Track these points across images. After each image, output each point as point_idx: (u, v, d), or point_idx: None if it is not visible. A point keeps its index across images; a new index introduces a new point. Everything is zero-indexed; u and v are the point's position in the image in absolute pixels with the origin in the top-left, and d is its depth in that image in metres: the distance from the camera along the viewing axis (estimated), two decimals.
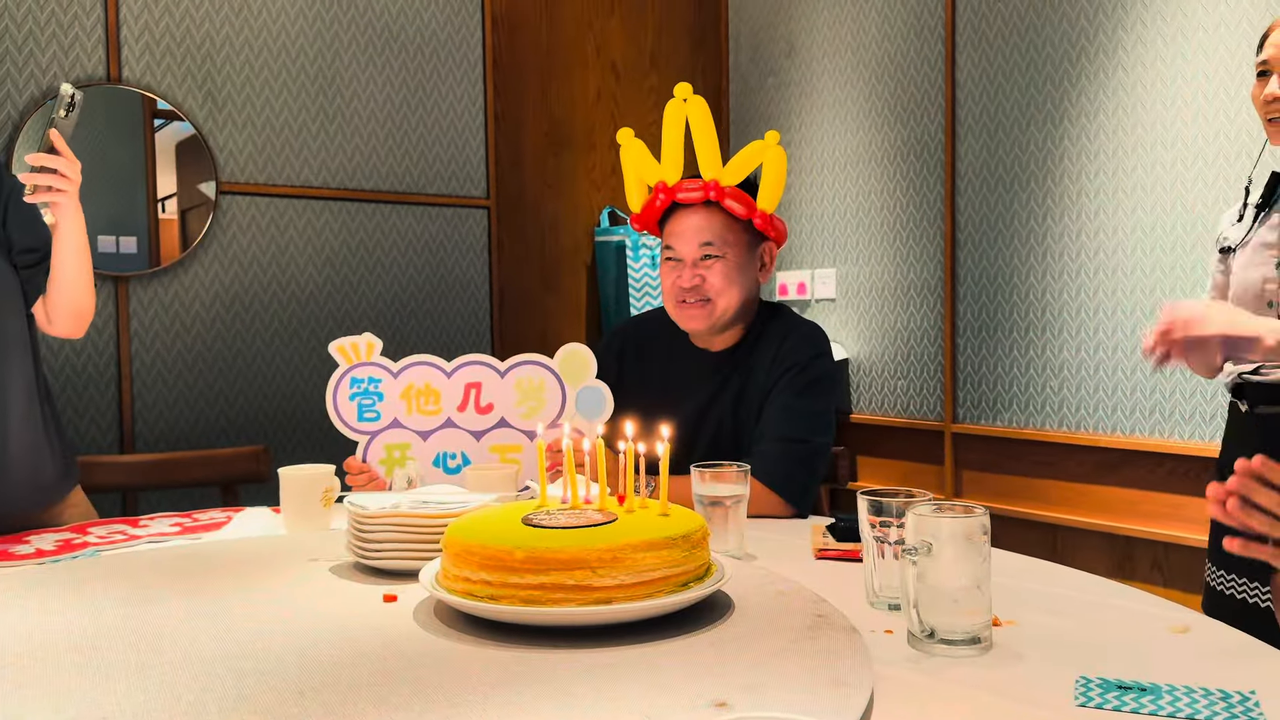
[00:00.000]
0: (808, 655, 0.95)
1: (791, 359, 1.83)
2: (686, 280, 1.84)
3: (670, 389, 1.92)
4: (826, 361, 1.86)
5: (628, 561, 1.01)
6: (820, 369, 1.84)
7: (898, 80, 3.27)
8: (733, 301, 1.85)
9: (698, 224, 1.84)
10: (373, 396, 1.77)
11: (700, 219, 1.84)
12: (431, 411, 1.77)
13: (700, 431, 1.87)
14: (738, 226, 1.85)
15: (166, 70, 2.82)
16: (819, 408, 1.81)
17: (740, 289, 1.86)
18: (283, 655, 0.96)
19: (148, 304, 2.80)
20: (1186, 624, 1.10)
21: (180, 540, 1.57)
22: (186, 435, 2.85)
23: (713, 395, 1.88)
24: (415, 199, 3.20)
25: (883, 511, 1.17)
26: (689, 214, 1.85)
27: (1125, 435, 2.69)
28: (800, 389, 1.80)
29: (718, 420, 1.87)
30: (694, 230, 1.84)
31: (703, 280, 1.83)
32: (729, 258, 1.84)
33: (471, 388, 1.78)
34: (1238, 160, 2.44)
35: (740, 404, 1.86)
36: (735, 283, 1.85)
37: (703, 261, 1.83)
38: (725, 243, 1.84)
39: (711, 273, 1.83)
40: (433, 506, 1.28)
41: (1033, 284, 2.90)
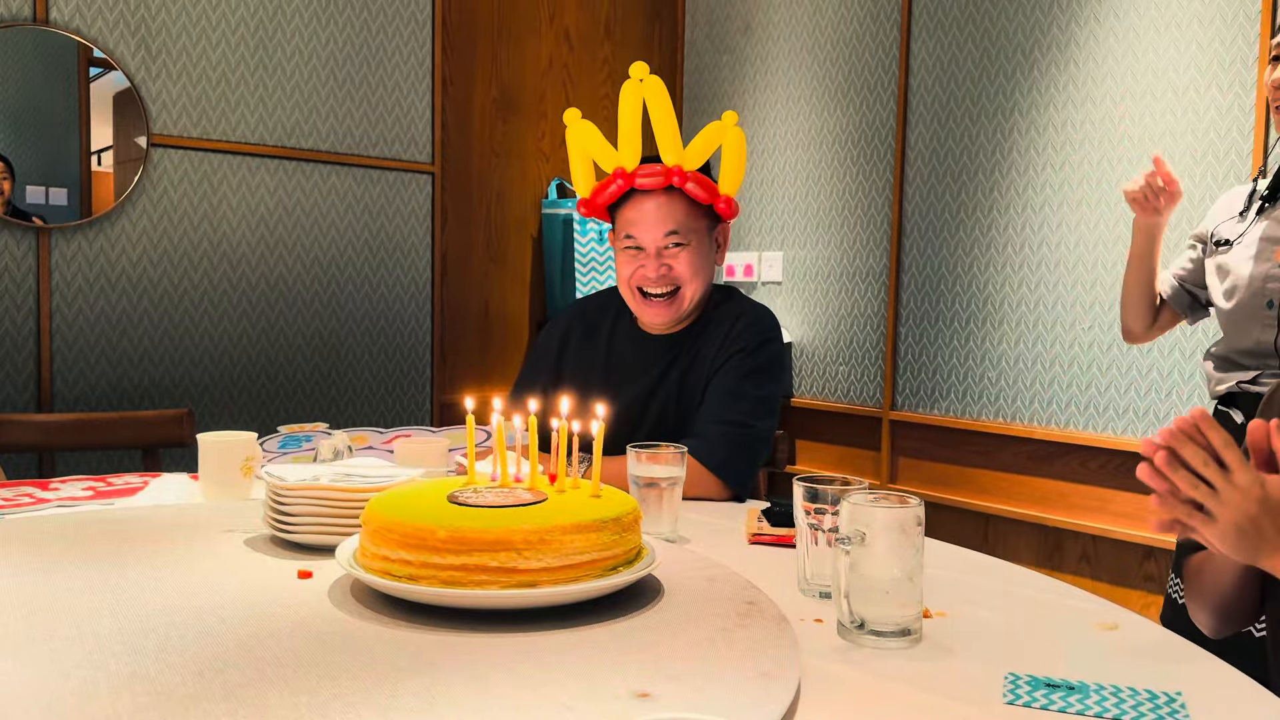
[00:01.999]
0: (736, 645, 0.92)
1: (740, 343, 1.79)
2: (653, 270, 1.77)
3: (615, 371, 1.88)
4: (775, 347, 1.83)
5: (555, 544, 0.97)
6: (768, 354, 1.81)
7: (852, 64, 3.25)
8: (698, 290, 1.80)
9: (661, 212, 1.76)
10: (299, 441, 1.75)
11: (663, 206, 1.76)
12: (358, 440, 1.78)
13: (646, 414, 1.84)
14: (698, 212, 1.79)
15: (98, 13, 2.69)
16: (763, 393, 1.78)
17: (705, 276, 1.81)
18: (185, 632, 0.91)
19: (70, 257, 2.69)
20: (1116, 621, 1.10)
21: (91, 505, 1.50)
22: (108, 395, 2.75)
23: (659, 377, 1.84)
24: (357, 160, 3.11)
25: (818, 498, 1.15)
26: (648, 200, 1.77)
27: (1059, 428, 2.71)
28: (746, 373, 1.77)
29: (663, 402, 1.83)
30: (657, 218, 1.76)
31: (669, 270, 1.77)
32: (694, 245, 1.78)
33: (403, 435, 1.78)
34: (1184, 158, 2.46)
35: (685, 386, 1.82)
36: (700, 271, 1.79)
37: (668, 251, 1.77)
38: (690, 230, 1.77)
39: (678, 262, 1.77)
40: (356, 480, 1.23)
41: (975, 275, 2.91)
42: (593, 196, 1.83)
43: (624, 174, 1.77)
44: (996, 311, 2.86)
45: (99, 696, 0.77)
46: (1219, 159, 2.39)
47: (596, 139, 1.81)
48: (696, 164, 1.78)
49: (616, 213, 1.83)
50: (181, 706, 0.76)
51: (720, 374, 1.79)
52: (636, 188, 1.77)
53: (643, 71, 1.76)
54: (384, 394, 3.19)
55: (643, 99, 1.76)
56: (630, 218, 1.79)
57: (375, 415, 3.18)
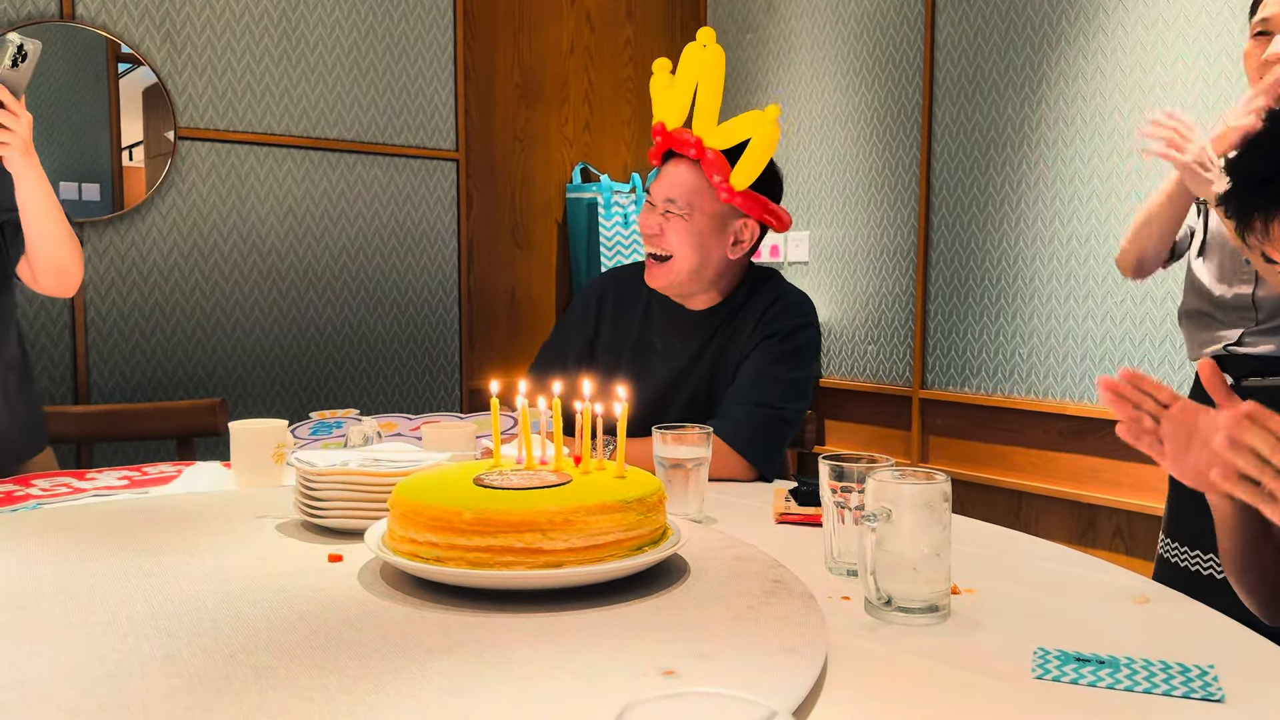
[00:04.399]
0: (763, 622, 0.92)
1: (774, 326, 1.78)
2: (646, 225, 1.80)
3: (647, 345, 1.87)
4: (810, 332, 1.81)
5: (580, 524, 0.97)
6: (802, 338, 1.79)
7: (877, 40, 3.22)
8: (688, 264, 1.79)
9: (674, 177, 1.79)
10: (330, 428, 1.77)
11: (679, 173, 1.78)
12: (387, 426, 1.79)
13: (676, 392, 1.83)
14: (708, 193, 1.78)
15: (124, 8, 2.72)
16: (795, 376, 1.76)
17: (698, 255, 1.78)
18: (217, 616, 0.93)
19: (103, 252, 2.72)
20: (1147, 595, 1.09)
21: (126, 494, 1.53)
22: (142, 386, 2.79)
23: (692, 356, 1.83)
24: (381, 149, 3.12)
25: (844, 476, 1.15)
26: (677, 163, 1.80)
27: (1092, 404, 2.68)
28: (778, 356, 1.76)
29: (695, 382, 1.82)
30: (669, 181, 1.79)
31: (660, 232, 1.79)
32: (691, 220, 1.77)
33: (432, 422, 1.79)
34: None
35: (719, 366, 1.81)
36: (693, 248, 1.77)
37: (664, 216, 1.79)
38: (690, 205, 1.77)
39: (669, 227, 1.78)
40: (383, 465, 1.24)
41: (1005, 250, 2.87)
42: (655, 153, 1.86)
43: (663, 130, 1.79)
44: (1027, 287, 2.83)
45: (133, 679, 0.78)
46: None
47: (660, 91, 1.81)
48: (721, 144, 1.76)
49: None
50: (214, 688, 0.77)
51: (753, 356, 1.78)
52: (672, 149, 1.80)
53: (708, 37, 1.75)
54: (413, 380, 3.21)
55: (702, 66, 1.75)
56: (661, 172, 1.83)
57: (404, 401, 3.20)
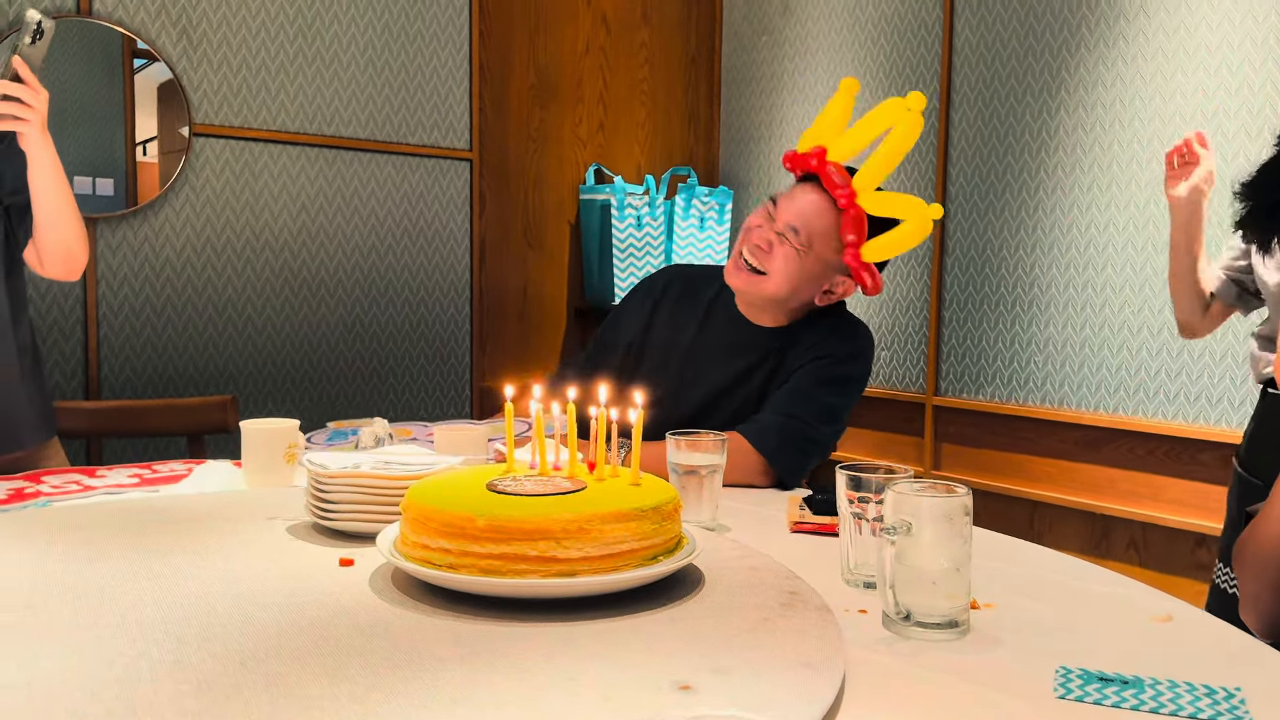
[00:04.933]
0: (778, 635, 0.91)
1: (828, 348, 1.75)
2: (758, 238, 1.72)
3: (703, 348, 1.84)
4: (861, 364, 1.78)
5: (594, 533, 0.96)
6: (851, 368, 1.77)
7: (894, 44, 3.20)
8: (781, 290, 1.73)
9: (808, 207, 1.70)
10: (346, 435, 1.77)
11: (816, 207, 1.70)
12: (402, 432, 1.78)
13: (723, 401, 1.79)
14: (834, 241, 1.71)
15: (140, 4, 2.71)
16: (834, 401, 1.74)
17: (794, 286, 1.73)
18: (227, 620, 0.91)
19: (116, 247, 2.72)
20: (1169, 613, 1.07)
21: (136, 493, 1.52)
22: (153, 382, 2.78)
23: (746, 370, 1.80)
24: (396, 148, 3.11)
25: (861, 486, 1.13)
26: (817, 195, 1.71)
27: (1108, 414, 2.66)
28: (824, 378, 1.73)
29: (743, 396, 1.79)
30: (801, 209, 1.71)
31: (769, 250, 1.72)
32: (803, 257, 1.71)
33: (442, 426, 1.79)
34: (1238, 137, 2.39)
35: (770, 384, 1.78)
36: (791, 281, 1.72)
37: (780, 235, 1.71)
38: (810, 244, 1.70)
39: (780, 251, 1.71)
40: (395, 468, 1.23)
41: (1021, 257, 2.85)
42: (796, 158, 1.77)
43: (820, 158, 1.71)
44: (1043, 294, 2.80)
45: (141, 684, 0.77)
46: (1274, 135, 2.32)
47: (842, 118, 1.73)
48: (870, 206, 1.69)
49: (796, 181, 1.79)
50: (223, 695, 0.76)
51: (799, 372, 1.75)
52: (820, 177, 1.72)
53: (919, 105, 1.67)
54: (424, 379, 3.20)
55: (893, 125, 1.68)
56: (793, 192, 1.75)
57: (415, 401, 3.19)
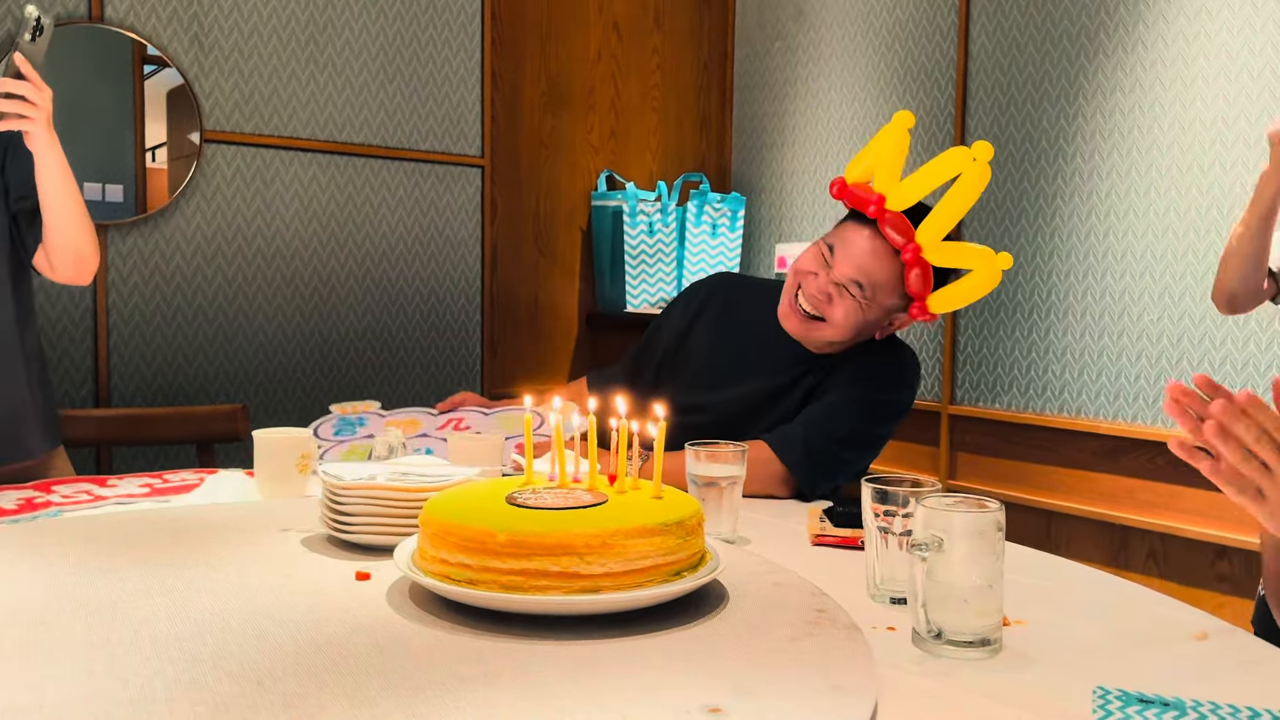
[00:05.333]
0: (807, 656, 0.88)
1: (873, 372, 1.71)
2: (815, 288, 1.66)
3: (743, 359, 1.80)
4: (904, 395, 1.74)
5: (618, 548, 0.94)
6: (893, 397, 1.72)
7: (908, 48, 3.18)
8: (841, 336, 1.69)
9: (871, 260, 1.63)
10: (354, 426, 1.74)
11: (879, 258, 1.63)
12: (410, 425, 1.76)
13: (761, 416, 1.75)
14: (897, 292, 1.66)
15: (151, 10, 2.71)
16: (868, 427, 1.70)
17: (855, 334, 1.70)
18: (243, 637, 0.89)
19: (127, 254, 2.71)
20: (1205, 630, 1.04)
21: (148, 503, 1.50)
22: (164, 391, 2.77)
23: (785, 384, 1.76)
24: (407, 155, 3.10)
25: (888, 500, 1.11)
26: (874, 240, 1.63)
27: (1126, 423, 2.63)
28: (861, 402, 1.69)
29: (782, 411, 1.74)
30: (863, 261, 1.63)
31: (828, 301, 1.66)
32: (863, 306, 1.65)
33: (455, 420, 1.77)
34: (1258, 145, 2.36)
35: (807, 404, 1.74)
36: (852, 328, 1.68)
37: (838, 287, 1.65)
38: (874, 297, 1.65)
39: (839, 303, 1.65)
40: (412, 479, 1.21)
41: (1039, 265, 2.83)
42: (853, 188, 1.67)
43: (880, 204, 1.62)
44: (1061, 303, 2.78)
45: (156, 706, 0.75)
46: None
47: (899, 156, 1.65)
48: (939, 260, 1.63)
49: (850, 216, 1.70)
50: (240, 718, 0.74)
51: (837, 389, 1.70)
52: (878, 222, 1.64)
53: (988, 155, 1.59)
54: (435, 387, 3.18)
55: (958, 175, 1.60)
56: (849, 235, 1.66)
57: None
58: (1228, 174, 2.42)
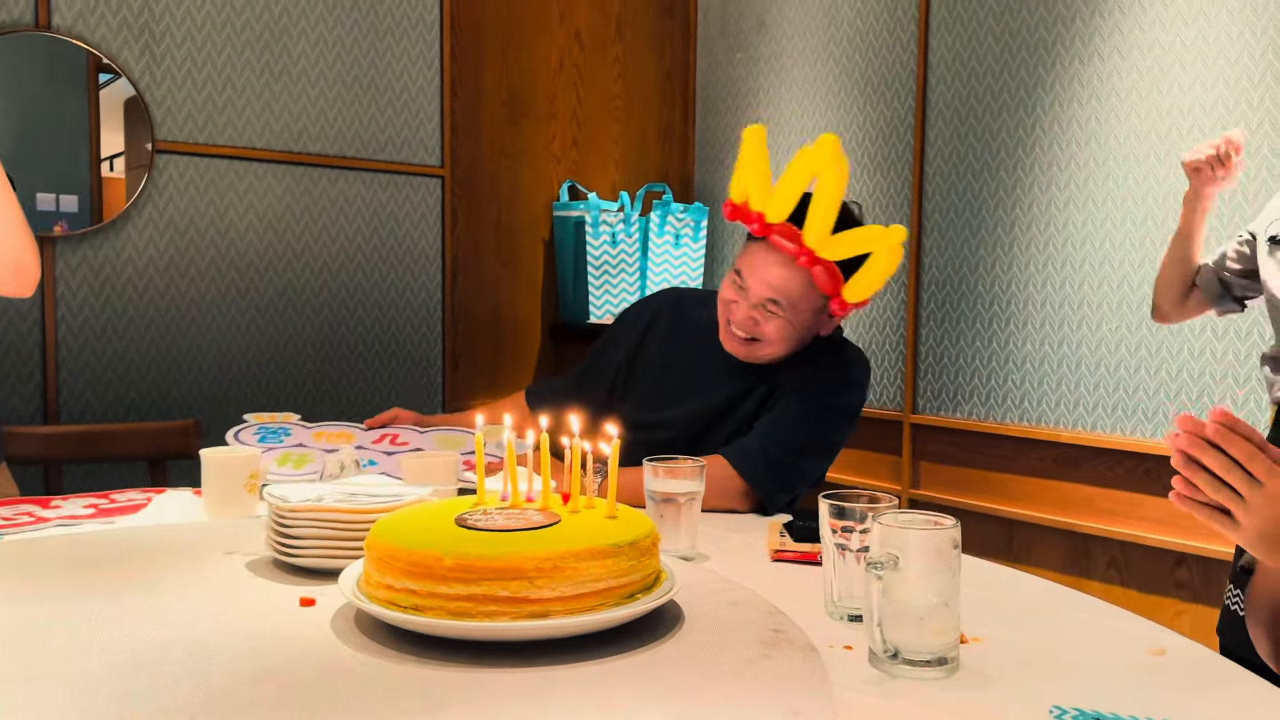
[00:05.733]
0: (763, 679, 0.87)
1: (819, 378, 1.72)
2: (741, 315, 1.68)
3: (695, 374, 1.80)
4: (855, 397, 1.75)
5: (568, 571, 0.92)
6: (846, 400, 1.73)
7: (868, 59, 3.19)
8: (780, 352, 1.71)
9: (776, 276, 1.65)
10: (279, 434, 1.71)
11: (782, 271, 1.65)
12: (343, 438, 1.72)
13: (715, 429, 1.75)
14: (814, 295, 1.67)
15: (101, 18, 2.65)
16: (826, 433, 1.71)
17: (793, 344, 1.71)
18: (179, 669, 0.86)
19: (76, 267, 2.65)
20: (1162, 645, 1.04)
21: (92, 525, 1.46)
22: (114, 406, 2.71)
23: (738, 394, 1.76)
24: (366, 164, 3.06)
25: (845, 515, 1.10)
26: (774, 256, 1.66)
27: (1086, 431, 2.64)
28: (813, 408, 1.69)
29: (735, 422, 1.75)
30: (770, 280, 1.66)
31: (756, 325, 1.68)
32: (790, 320, 1.68)
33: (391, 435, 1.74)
34: None
35: (764, 409, 1.74)
36: (789, 340, 1.70)
37: (762, 308, 1.68)
38: (794, 307, 1.67)
39: (768, 325, 1.68)
40: (361, 500, 1.18)
41: (998, 274, 2.84)
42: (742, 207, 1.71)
43: (762, 221, 1.66)
44: (1020, 312, 2.79)
45: None
46: (1250, 154, 2.32)
47: (763, 169, 1.69)
48: (836, 256, 1.64)
49: (748, 240, 1.73)
50: None
51: (790, 398, 1.71)
52: (769, 239, 1.67)
53: (832, 144, 1.63)
54: (395, 400, 3.14)
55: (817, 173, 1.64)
56: (752, 259, 1.68)
57: None
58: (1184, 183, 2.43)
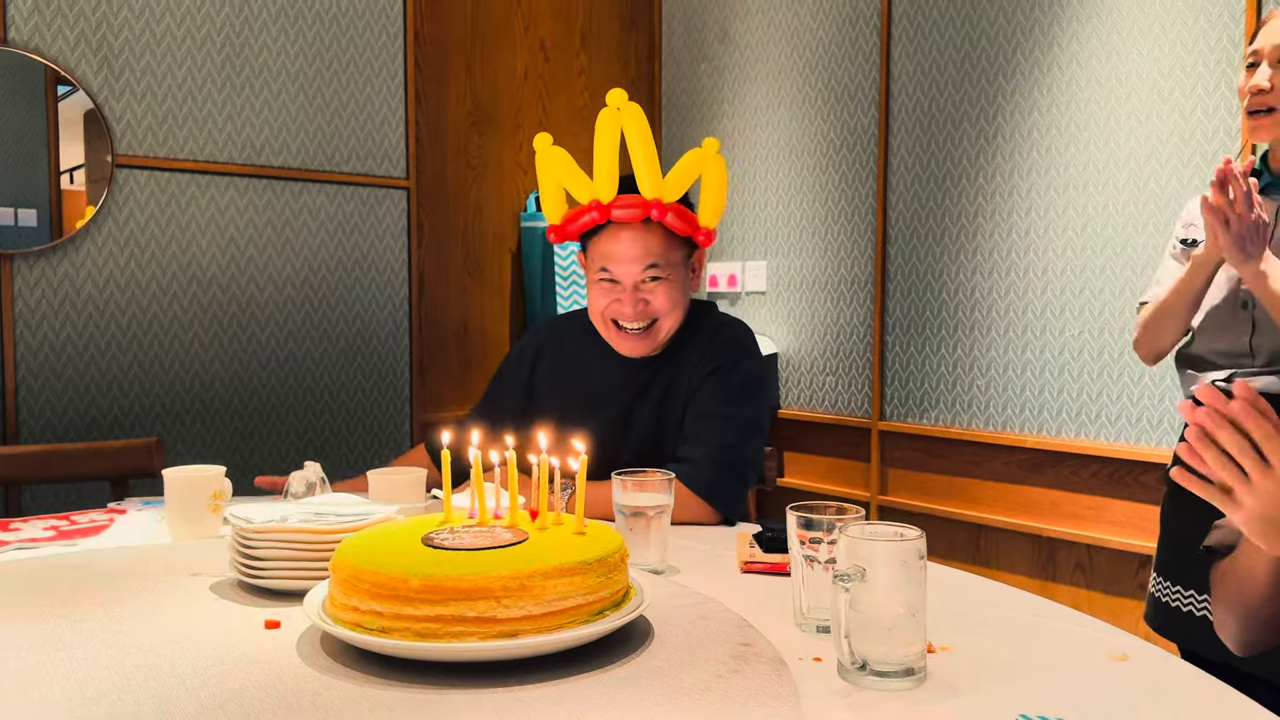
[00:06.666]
0: (731, 695, 0.87)
1: (717, 360, 1.73)
2: (629, 306, 1.70)
3: (589, 394, 1.81)
4: (755, 364, 1.77)
5: (536, 589, 0.91)
6: (748, 371, 1.75)
7: (832, 71, 3.21)
8: (676, 321, 1.75)
9: (639, 246, 1.68)
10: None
11: (640, 240, 1.68)
12: None
13: (623, 439, 1.76)
14: (676, 243, 1.73)
15: (58, 32, 2.62)
16: (747, 413, 1.72)
17: (683, 307, 1.76)
18: (140, 697, 0.85)
19: (34, 284, 2.61)
20: (1125, 651, 1.05)
21: (53, 548, 1.43)
22: (75, 425, 2.67)
23: (634, 400, 1.78)
24: (329, 177, 3.04)
25: (813, 526, 1.10)
26: (624, 232, 1.69)
27: (1051, 436, 2.67)
28: (727, 393, 1.71)
29: (641, 425, 1.77)
30: (634, 253, 1.69)
31: (646, 305, 1.71)
32: (671, 278, 1.71)
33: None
34: (1170, 161, 2.42)
35: (664, 409, 1.76)
36: (679, 303, 1.74)
37: (645, 285, 1.70)
38: (668, 264, 1.71)
39: (656, 296, 1.71)
40: (327, 519, 1.17)
41: (962, 281, 2.87)
42: (564, 224, 1.74)
43: (599, 206, 1.69)
44: (985, 318, 2.82)
45: None
46: (1206, 160, 2.36)
47: (569, 166, 1.73)
48: (676, 195, 1.71)
49: (590, 241, 1.75)
50: None
51: (700, 395, 1.73)
52: (613, 220, 1.70)
53: (620, 100, 1.67)
54: (362, 415, 3.12)
55: (620, 127, 1.68)
56: (606, 250, 1.71)
57: (353, 437, 3.11)
58: (1142, 190, 2.48)
